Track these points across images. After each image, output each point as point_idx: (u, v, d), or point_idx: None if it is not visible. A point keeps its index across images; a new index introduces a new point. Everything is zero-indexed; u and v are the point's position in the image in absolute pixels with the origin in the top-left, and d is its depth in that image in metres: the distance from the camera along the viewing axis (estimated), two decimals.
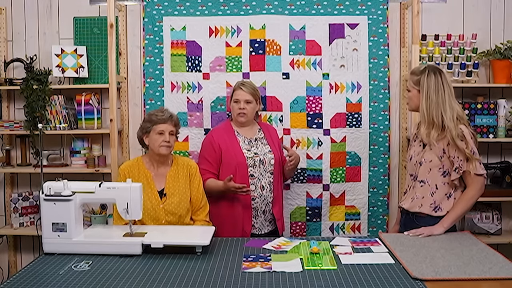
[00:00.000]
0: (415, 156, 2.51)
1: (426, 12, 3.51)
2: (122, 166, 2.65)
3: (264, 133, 3.00)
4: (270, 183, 2.89)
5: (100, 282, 1.80)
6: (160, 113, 2.62)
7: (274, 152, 2.92)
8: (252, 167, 2.85)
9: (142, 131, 2.66)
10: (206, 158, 2.88)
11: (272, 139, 2.99)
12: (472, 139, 2.35)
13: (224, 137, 2.89)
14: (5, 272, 3.67)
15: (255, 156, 2.87)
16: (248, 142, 2.91)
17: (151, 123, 2.61)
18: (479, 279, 1.80)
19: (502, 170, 3.46)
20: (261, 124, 3.06)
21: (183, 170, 2.66)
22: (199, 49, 3.33)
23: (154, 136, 2.58)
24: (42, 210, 2.14)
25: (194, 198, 2.65)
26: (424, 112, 2.40)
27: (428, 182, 2.44)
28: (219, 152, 2.85)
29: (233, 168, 2.81)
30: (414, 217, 2.47)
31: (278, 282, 1.79)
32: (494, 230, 3.47)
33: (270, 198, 2.91)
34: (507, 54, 3.34)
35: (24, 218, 3.54)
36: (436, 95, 2.38)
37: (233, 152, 2.85)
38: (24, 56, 3.53)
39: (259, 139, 2.95)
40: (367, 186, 3.39)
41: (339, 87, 3.33)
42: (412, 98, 2.49)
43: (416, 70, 2.50)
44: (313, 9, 3.33)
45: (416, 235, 2.32)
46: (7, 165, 3.51)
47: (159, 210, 2.54)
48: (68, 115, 3.43)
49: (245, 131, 2.95)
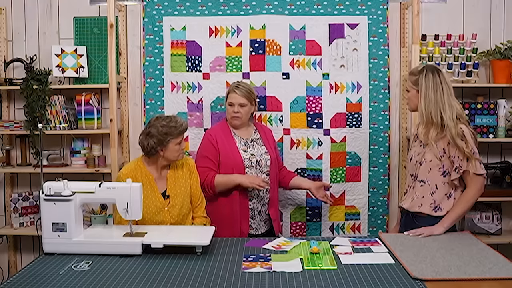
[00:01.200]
0: (415, 156, 2.51)
1: (426, 12, 3.51)
2: (123, 171, 2.55)
3: (260, 133, 2.99)
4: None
5: (100, 282, 1.80)
6: (178, 125, 2.52)
7: (270, 153, 2.92)
8: (248, 168, 2.84)
9: (160, 143, 2.48)
10: (207, 156, 2.84)
11: (267, 140, 2.99)
12: (472, 139, 2.35)
13: (222, 137, 2.87)
14: (5, 272, 3.67)
15: (251, 157, 2.86)
16: (245, 142, 2.91)
17: (172, 136, 2.49)
18: (479, 279, 1.80)
19: (502, 170, 3.46)
20: (256, 125, 3.06)
21: (182, 169, 2.64)
22: (199, 49, 3.33)
23: (174, 147, 2.51)
24: (42, 210, 2.14)
25: (193, 195, 2.66)
26: (423, 112, 2.40)
27: (428, 182, 2.44)
28: (218, 151, 2.84)
29: (230, 169, 2.80)
30: (414, 217, 2.47)
31: (278, 282, 1.79)
32: (494, 230, 3.47)
33: (267, 199, 2.91)
34: (507, 54, 3.34)
35: (24, 218, 3.54)
36: (434, 95, 2.38)
37: (230, 152, 2.84)
38: (24, 56, 3.53)
39: (255, 140, 2.95)
40: (367, 186, 3.40)
41: (339, 87, 3.33)
42: (411, 98, 2.50)
43: (415, 70, 2.50)
44: (313, 9, 3.33)
45: (416, 235, 2.32)
46: (7, 165, 3.51)
47: (164, 213, 2.52)
48: (68, 115, 3.43)
49: (241, 131, 2.94)
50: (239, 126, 2.92)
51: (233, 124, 2.90)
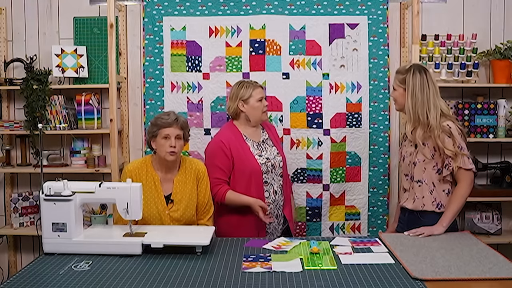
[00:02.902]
0: (408, 156, 2.53)
1: (426, 12, 3.51)
2: (129, 167, 2.55)
3: (268, 133, 2.95)
4: (281, 186, 2.86)
5: (100, 282, 1.80)
6: (165, 116, 2.52)
7: (281, 153, 2.89)
8: (266, 173, 2.76)
9: (149, 135, 2.55)
10: (219, 167, 2.71)
11: (275, 138, 2.96)
12: (459, 135, 2.38)
13: (235, 143, 2.75)
14: (5, 272, 3.67)
15: (267, 161, 2.78)
16: (257, 146, 2.82)
17: (157, 127, 2.50)
18: (479, 279, 1.80)
19: (502, 170, 3.46)
20: (262, 123, 2.98)
21: (191, 174, 2.58)
22: (199, 49, 3.33)
23: (160, 141, 2.48)
24: (42, 210, 2.14)
25: (200, 202, 2.60)
26: (410, 111, 2.42)
27: (425, 181, 2.46)
28: (232, 159, 2.72)
29: (247, 176, 2.71)
30: (419, 214, 2.48)
31: (278, 282, 1.79)
32: (494, 230, 3.47)
33: (282, 201, 2.87)
34: (507, 54, 3.34)
35: (24, 218, 3.54)
36: (421, 94, 2.41)
37: (246, 159, 2.73)
38: (24, 56, 3.53)
39: (265, 141, 2.89)
40: (367, 186, 3.39)
41: (339, 87, 3.33)
42: (398, 97, 2.52)
43: (402, 69, 2.53)
44: (313, 9, 3.33)
45: (416, 235, 2.32)
46: (7, 165, 3.51)
47: (164, 216, 2.51)
48: (68, 115, 3.43)
49: (252, 134, 2.84)
50: (252, 125, 2.84)
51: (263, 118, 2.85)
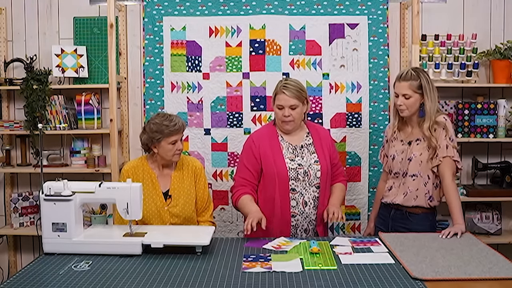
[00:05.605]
0: (399, 154, 2.57)
1: (426, 12, 3.51)
2: (125, 167, 2.56)
3: (313, 138, 2.61)
4: (314, 198, 2.54)
5: (100, 282, 1.79)
6: (171, 124, 2.44)
7: (321, 162, 2.54)
8: (294, 180, 2.49)
9: (150, 141, 2.47)
10: (245, 166, 2.55)
11: (322, 145, 2.60)
12: (451, 128, 2.49)
13: (266, 141, 2.54)
14: (5, 272, 3.67)
15: (298, 167, 2.50)
16: (293, 150, 2.55)
17: (162, 134, 2.43)
18: (479, 279, 1.80)
19: (502, 170, 3.46)
20: (310, 127, 2.66)
21: (188, 171, 2.60)
22: (199, 49, 3.33)
23: (167, 146, 2.45)
24: (42, 210, 2.14)
25: (199, 199, 2.61)
26: (429, 111, 2.46)
27: (420, 174, 2.51)
28: (260, 159, 2.52)
29: (273, 180, 2.48)
30: (407, 213, 2.54)
31: (278, 282, 1.79)
32: (494, 230, 3.47)
33: (314, 215, 2.55)
34: (507, 54, 3.34)
35: (24, 218, 3.54)
36: (434, 91, 2.48)
37: (273, 160, 2.50)
38: (24, 56, 3.53)
39: (306, 146, 2.57)
40: (367, 186, 3.40)
41: (339, 87, 3.33)
42: (414, 104, 2.49)
43: (410, 76, 2.47)
44: (313, 9, 3.33)
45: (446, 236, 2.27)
46: (7, 165, 3.51)
47: (163, 212, 2.51)
48: (68, 115, 3.44)
49: (291, 136, 2.58)
50: (292, 131, 2.57)
51: (285, 129, 2.55)
